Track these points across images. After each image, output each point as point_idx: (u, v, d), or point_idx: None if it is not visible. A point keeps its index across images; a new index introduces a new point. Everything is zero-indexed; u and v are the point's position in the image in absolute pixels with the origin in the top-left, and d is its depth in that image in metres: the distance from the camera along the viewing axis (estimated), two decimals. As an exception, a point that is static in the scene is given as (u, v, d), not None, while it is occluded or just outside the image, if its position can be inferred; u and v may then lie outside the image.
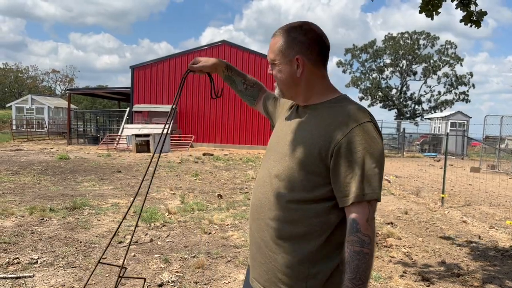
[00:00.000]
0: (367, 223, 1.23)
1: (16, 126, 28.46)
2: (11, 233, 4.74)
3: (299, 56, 1.37)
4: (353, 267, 1.21)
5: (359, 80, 48.32)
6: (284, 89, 1.45)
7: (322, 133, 1.31)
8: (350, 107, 1.35)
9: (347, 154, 1.25)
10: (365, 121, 1.29)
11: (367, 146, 1.26)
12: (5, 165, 11.25)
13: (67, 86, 57.54)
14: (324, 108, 1.39)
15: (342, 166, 1.26)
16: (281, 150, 1.42)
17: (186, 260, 4.16)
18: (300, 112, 1.46)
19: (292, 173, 1.34)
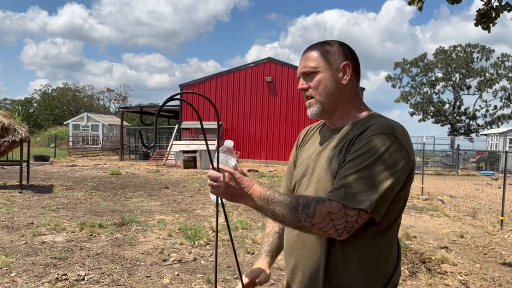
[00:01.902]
0: (327, 215, 1.12)
1: (72, 142, 29.98)
2: (61, 249, 4.91)
3: (347, 62, 1.31)
4: (283, 196, 1.18)
5: (409, 94, 46.93)
6: (326, 101, 1.31)
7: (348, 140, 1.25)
8: (379, 120, 1.25)
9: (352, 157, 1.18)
10: (387, 132, 1.18)
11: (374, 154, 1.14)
12: (60, 180, 11.81)
13: (120, 104, 60.15)
14: (357, 125, 1.29)
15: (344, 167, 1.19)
16: (316, 179, 1.32)
17: (229, 281, 4.10)
18: (332, 134, 1.36)
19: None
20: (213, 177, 1.17)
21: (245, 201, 1.20)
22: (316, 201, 1.14)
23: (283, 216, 1.16)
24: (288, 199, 1.16)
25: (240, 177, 1.19)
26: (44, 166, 16.60)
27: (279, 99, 22.23)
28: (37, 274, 4.05)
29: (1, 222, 6.13)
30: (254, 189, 1.19)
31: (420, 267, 4.72)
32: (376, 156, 1.14)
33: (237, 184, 1.18)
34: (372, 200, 1.12)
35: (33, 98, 63.58)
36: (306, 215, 1.12)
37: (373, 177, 1.13)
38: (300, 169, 1.43)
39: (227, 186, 1.17)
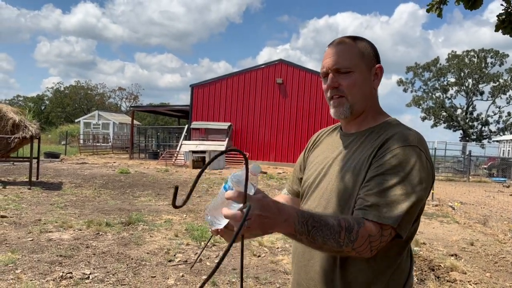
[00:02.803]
0: (368, 238, 1.04)
1: (83, 140, 30.24)
2: (67, 246, 4.91)
3: (380, 65, 1.27)
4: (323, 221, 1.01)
5: (421, 99, 46.57)
6: (358, 103, 1.25)
7: (371, 152, 1.18)
8: (405, 131, 1.20)
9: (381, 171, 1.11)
10: (412, 144, 1.14)
11: (403, 170, 1.10)
12: (70, 177, 11.89)
13: (132, 103, 60.57)
14: (375, 132, 1.25)
15: (373, 180, 1.11)
16: (326, 186, 1.27)
17: (234, 284, 4.06)
18: (346, 140, 1.32)
19: (342, 211, 1.19)
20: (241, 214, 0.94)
21: (279, 229, 1.00)
22: (357, 223, 1.05)
23: (323, 243, 1.02)
24: (328, 222, 1.02)
25: (269, 203, 0.96)
26: (54, 163, 16.73)
27: (289, 101, 22.17)
28: (42, 272, 4.05)
29: (9, 218, 6.16)
30: (290, 214, 0.98)
31: (428, 275, 4.64)
32: (405, 172, 1.10)
33: (269, 213, 0.95)
34: (402, 218, 1.07)
35: (45, 95, 64.35)
36: (348, 240, 1.02)
37: (403, 194, 1.08)
38: (311, 173, 1.38)
39: (260, 219, 0.93)
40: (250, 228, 0.92)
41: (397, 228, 1.07)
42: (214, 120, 23.10)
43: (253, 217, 0.91)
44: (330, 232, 1.01)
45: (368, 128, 1.28)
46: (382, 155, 1.14)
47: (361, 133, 1.28)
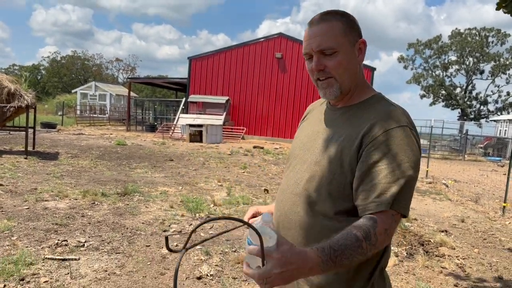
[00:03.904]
0: (385, 232, 1.08)
1: (80, 111, 30.10)
2: (63, 215, 4.96)
3: (363, 39, 1.25)
4: (342, 244, 1.02)
5: (421, 76, 46.31)
6: (347, 82, 1.24)
7: (354, 135, 1.18)
8: (387, 109, 1.21)
9: (383, 154, 1.12)
10: (400, 125, 1.16)
11: (404, 153, 1.12)
12: (66, 148, 11.90)
13: (129, 75, 60.01)
14: (361, 108, 1.26)
15: (376, 167, 1.11)
16: (310, 159, 1.28)
17: (227, 254, 4.14)
18: (333, 114, 1.33)
19: (325, 184, 1.20)
20: (264, 275, 0.93)
21: (306, 275, 1.01)
22: (371, 225, 1.07)
23: (351, 262, 1.04)
24: (347, 242, 1.03)
25: (292, 255, 0.96)
26: (51, 134, 16.71)
27: (288, 76, 22.02)
28: (37, 239, 4.11)
29: (5, 187, 6.20)
30: (313, 260, 0.99)
31: (418, 249, 4.73)
32: (403, 156, 1.12)
33: (292, 266, 0.95)
34: (406, 201, 1.12)
35: (41, 65, 63.57)
36: (371, 246, 1.06)
37: (403, 177, 1.10)
38: (297, 145, 1.39)
39: (282, 275, 0.94)
40: (272, 284, 0.94)
41: (404, 212, 1.11)
42: (212, 93, 22.98)
43: (273, 276, 0.93)
44: (353, 251, 1.03)
45: (355, 104, 1.28)
46: (374, 140, 1.14)
47: (347, 108, 1.29)
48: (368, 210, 1.10)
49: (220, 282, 3.47)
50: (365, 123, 1.19)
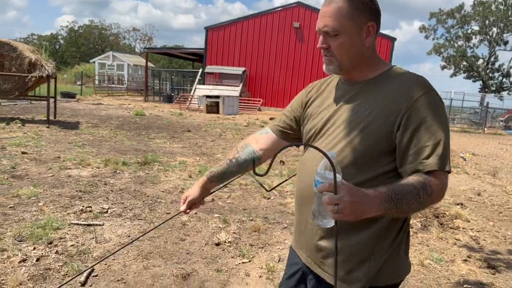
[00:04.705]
0: (438, 186, 1.18)
1: (98, 81, 30.36)
2: (86, 183, 5.15)
3: (372, 23, 1.28)
4: (402, 190, 1.12)
5: (442, 47, 45.01)
6: (346, 63, 1.32)
7: (384, 107, 1.24)
8: (410, 78, 1.28)
9: (422, 119, 1.20)
10: (428, 90, 1.24)
11: (438, 115, 1.21)
12: (86, 117, 12.13)
13: (146, 45, 59.92)
14: (381, 81, 1.31)
15: (415, 137, 1.19)
16: (336, 133, 1.32)
17: (244, 222, 4.26)
18: (352, 89, 1.36)
19: (352, 156, 1.26)
20: (335, 200, 1.01)
21: (370, 212, 1.08)
22: (426, 179, 1.16)
23: (409, 209, 1.13)
24: (406, 189, 1.12)
25: (359, 189, 1.06)
26: (71, 103, 16.98)
27: (306, 47, 21.70)
28: (63, 205, 4.29)
29: (30, 155, 6.41)
30: (377, 197, 1.08)
31: (432, 221, 4.78)
32: (438, 118, 1.21)
33: (360, 198, 1.05)
34: (448, 159, 1.22)
35: (59, 35, 63.85)
36: (427, 196, 1.14)
37: (443, 138, 1.20)
38: (317, 121, 1.42)
39: (352, 204, 1.02)
40: (343, 213, 1.02)
41: (449, 169, 1.21)
42: (228, 64, 22.85)
43: (345, 203, 1.01)
44: (412, 197, 1.12)
45: (374, 77, 1.32)
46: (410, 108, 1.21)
47: (366, 82, 1.33)
48: (418, 170, 1.19)
49: (238, 249, 3.60)
50: (394, 94, 1.25)
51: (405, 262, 1.38)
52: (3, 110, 12.29)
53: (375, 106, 1.26)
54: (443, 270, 3.55)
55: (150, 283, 2.90)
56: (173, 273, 3.07)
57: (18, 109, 13.10)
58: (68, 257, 3.17)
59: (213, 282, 2.99)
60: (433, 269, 3.54)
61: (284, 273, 1.63)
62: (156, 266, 3.16)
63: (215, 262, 3.32)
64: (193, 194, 1.65)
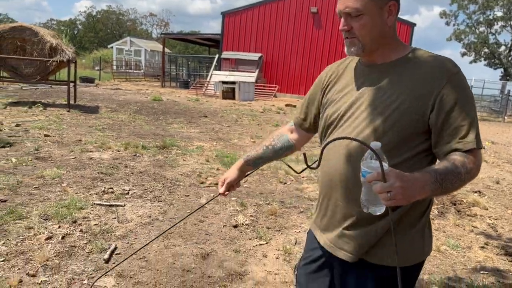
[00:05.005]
0: (474, 163, 1.22)
1: (116, 66, 30.61)
2: (107, 165, 5.27)
3: (393, 1, 1.28)
4: (445, 169, 1.17)
5: (463, 33, 43.99)
6: (369, 44, 1.30)
7: (413, 90, 1.25)
8: (437, 58, 1.29)
9: (455, 99, 1.23)
10: (458, 70, 1.26)
11: (469, 96, 1.26)
12: (105, 102, 12.30)
13: (162, 30, 60.02)
14: (407, 62, 1.31)
15: (451, 117, 1.23)
16: (363, 116, 1.31)
17: (261, 206, 4.33)
18: (374, 71, 1.35)
19: (383, 138, 1.24)
20: (386, 188, 1.04)
21: (420, 195, 1.12)
22: (464, 156, 1.21)
23: (452, 187, 1.19)
24: (448, 168, 1.17)
25: (406, 173, 1.09)
26: (90, 88, 17.21)
27: (323, 32, 21.47)
28: (85, 186, 4.42)
29: (52, 137, 6.58)
30: (423, 178, 1.12)
31: (449, 208, 4.78)
32: (468, 98, 1.26)
33: (409, 182, 1.07)
34: (480, 136, 1.26)
35: (78, 20, 64.36)
36: (467, 174, 1.19)
37: (474, 117, 1.25)
38: (340, 105, 1.40)
39: (403, 189, 1.05)
40: (395, 199, 1.05)
41: (482, 146, 1.26)
42: (244, 50, 22.78)
43: (396, 190, 1.04)
44: (454, 176, 1.17)
45: (397, 59, 1.32)
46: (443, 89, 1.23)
47: (389, 64, 1.32)
48: (455, 150, 1.23)
49: (255, 231, 3.68)
50: (422, 77, 1.26)
51: (430, 243, 1.42)
52: (25, 94, 12.55)
53: (403, 88, 1.26)
54: (460, 256, 3.57)
55: (171, 262, 2.99)
56: (192, 252, 3.16)
57: (39, 93, 13.36)
58: (92, 236, 3.29)
59: (232, 262, 3.08)
60: (449, 255, 3.56)
61: (302, 257, 1.64)
62: (176, 245, 3.26)
63: (233, 243, 3.40)
64: (231, 176, 1.69)
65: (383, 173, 1.03)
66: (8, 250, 2.94)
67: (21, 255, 2.90)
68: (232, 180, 1.69)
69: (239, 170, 1.70)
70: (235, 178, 1.69)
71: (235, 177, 1.69)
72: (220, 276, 2.87)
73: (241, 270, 2.97)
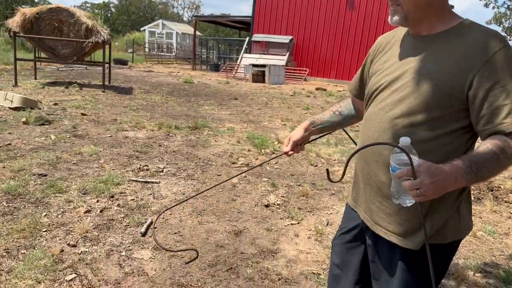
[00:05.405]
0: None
1: (148, 49, 30.98)
2: (142, 144, 5.39)
3: None
4: (480, 157, 1.12)
5: (503, 16, 42.05)
6: (412, 11, 1.26)
7: (456, 63, 1.20)
8: (484, 33, 1.21)
9: (497, 77, 1.15)
10: (503, 46, 1.17)
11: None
12: (139, 83, 12.52)
13: (193, 13, 60.11)
14: (452, 35, 1.25)
15: (490, 96, 1.16)
16: (402, 88, 1.29)
17: (292, 187, 4.35)
18: (419, 43, 1.32)
19: (420, 112, 1.24)
20: (416, 185, 1.04)
21: (452, 187, 1.10)
22: (504, 140, 1.15)
23: (491, 174, 1.15)
24: (485, 155, 1.13)
25: (437, 167, 1.06)
26: (123, 70, 17.53)
27: (356, 14, 20.96)
28: (121, 163, 4.54)
29: (89, 116, 6.77)
30: (457, 171, 1.09)
31: (487, 194, 4.66)
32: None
33: (440, 177, 1.05)
34: None
35: (111, 2, 65.20)
36: (507, 159, 1.14)
37: None
38: (383, 75, 1.39)
39: (433, 185, 1.04)
40: (425, 195, 1.05)
41: None
42: (275, 32, 22.56)
43: (425, 186, 1.03)
44: (491, 163, 1.12)
45: (443, 31, 1.27)
46: (485, 65, 1.17)
47: (434, 36, 1.28)
48: (497, 132, 1.17)
49: (286, 211, 3.70)
50: (466, 50, 1.20)
51: (467, 221, 1.38)
52: (61, 75, 12.91)
53: (443, 62, 1.22)
54: (497, 242, 3.49)
55: (204, 237, 3.06)
56: (225, 229, 3.22)
57: (74, 74, 13.71)
58: (129, 210, 3.39)
59: (264, 240, 3.12)
60: (486, 240, 3.48)
61: (339, 228, 1.66)
62: (209, 222, 3.32)
63: (265, 222, 3.44)
64: (297, 135, 1.66)
65: (413, 170, 1.01)
66: (49, 222, 3.08)
67: (62, 227, 3.03)
68: (297, 139, 1.65)
69: (304, 131, 1.67)
70: (300, 138, 1.65)
71: (299, 137, 1.65)
72: (253, 252, 2.91)
73: (273, 248, 3.00)
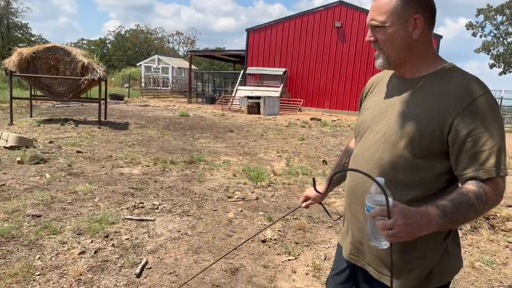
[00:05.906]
0: (496, 198, 1.18)
1: (144, 83, 31.34)
2: (137, 180, 5.38)
3: (418, 15, 1.26)
4: (455, 203, 1.13)
5: (491, 45, 43.06)
6: (393, 56, 1.30)
7: (436, 108, 1.22)
8: (465, 78, 1.25)
9: (476, 123, 1.17)
10: (484, 92, 1.20)
11: (492, 119, 1.18)
12: (135, 118, 12.60)
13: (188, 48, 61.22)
14: (434, 79, 1.28)
15: (468, 141, 1.18)
16: (385, 130, 1.33)
17: (288, 221, 4.32)
18: (402, 86, 1.35)
19: (401, 155, 1.27)
20: (389, 226, 1.04)
21: (425, 231, 1.10)
22: (480, 187, 1.16)
23: (465, 219, 1.16)
24: (460, 201, 1.14)
25: (411, 210, 1.07)
26: (119, 105, 17.66)
27: (347, 46, 21.44)
28: (116, 201, 4.52)
29: (84, 154, 6.77)
30: (430, 214, 1.10)
31: (482, 224, 4.65)
32: (494, 122, 1.19)
33: (413, 219, 1.06)
34: (505, 163, 1.20)
35: (107, 39, 66.36)
36: (482, 205, 1.15)
37: (498, 142, 1.18)
38: (367, 115, 1.43)
39: (406, 227, 1.04)
40: (397, 237, 1.05)
41: (506, 173, 1.20)
42: (269, 65, 22.96)
43: (399, 227, 1.03)
44: (466, 209, 1.13)
45: (426, 75, 1.30)
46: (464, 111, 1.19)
47: (418, 79, 1.31)
48: (474, 177, 1.18)
49: (283, 246, 3.67)
50: (447, 95, 1.23)
51: (455, 261, 1.38)
52: (57, 112, 12.99)
53: (425, 106, 1.25)
54: (495, 273, 3.46)
55: (200, 277, 3.02)
56: (222, 267, 3.18)
57: (71, 110, 13.80)
58: (124, 250, 3.36)
59: (261, 278, 3.08)
60: (484, 271, 3.45)
61: (331, 269, 1.68)
62: (205, 260, 3.28)
63: (262, 258, 3.40)
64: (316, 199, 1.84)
65: (389, 209, 1.02)
66: (43, 265, 3.03)
67: (56, 270, 2.98)
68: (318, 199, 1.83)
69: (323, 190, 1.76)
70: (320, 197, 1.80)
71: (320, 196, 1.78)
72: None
73: (270, 286, 2.96)
